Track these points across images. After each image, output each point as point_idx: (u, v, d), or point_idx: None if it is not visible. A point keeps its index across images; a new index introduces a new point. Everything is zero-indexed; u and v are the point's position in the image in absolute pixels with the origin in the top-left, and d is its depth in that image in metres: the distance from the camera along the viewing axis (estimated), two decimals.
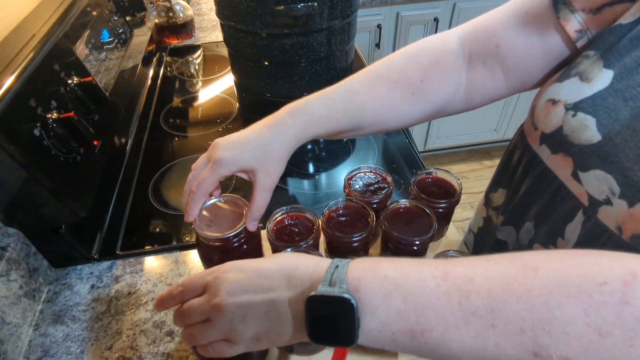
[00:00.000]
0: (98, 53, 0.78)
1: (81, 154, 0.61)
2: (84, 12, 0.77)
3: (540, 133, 0.45)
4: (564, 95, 0.42)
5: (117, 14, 0.94)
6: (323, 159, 0.85)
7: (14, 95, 0.51)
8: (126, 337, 0.55)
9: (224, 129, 0.93)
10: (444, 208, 0.59)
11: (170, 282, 0.61)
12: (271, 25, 0.86)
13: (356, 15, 0.96)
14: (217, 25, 1.34)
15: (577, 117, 0.40)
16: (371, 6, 1.60)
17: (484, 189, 0.64)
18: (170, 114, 0.99)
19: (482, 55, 0.50)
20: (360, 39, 1.67)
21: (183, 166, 0.83)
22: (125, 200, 0.76)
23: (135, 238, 0.69)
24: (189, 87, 1.10)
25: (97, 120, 0.68)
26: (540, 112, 0.45)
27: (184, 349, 0.53)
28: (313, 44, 0.91)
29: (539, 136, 0.45)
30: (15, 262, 0.55)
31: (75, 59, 0.68)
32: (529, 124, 0.48)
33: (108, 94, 0.76)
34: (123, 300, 0.59)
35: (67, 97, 0.62)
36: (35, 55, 0.57)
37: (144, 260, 0.65)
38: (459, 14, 1.70)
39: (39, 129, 0.53)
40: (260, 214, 0.49)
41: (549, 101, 0.43)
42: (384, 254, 0.59)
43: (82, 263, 0.64)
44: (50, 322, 0.57)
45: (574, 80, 0.41)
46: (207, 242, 0.49)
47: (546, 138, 0.44)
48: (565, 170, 0.42)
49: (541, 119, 0.44)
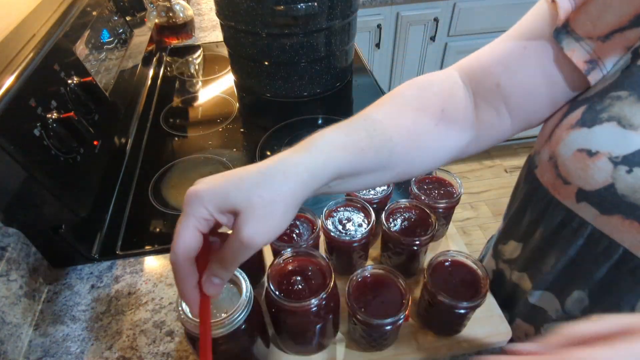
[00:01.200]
0: (98, 53, 0.78)
1: (81, 153, 0.61)
2: (84, 12, 0.77)
3: (576, 189, 0.38)
4: (604, 146, 0.35)
5: (117, 14, 0.94)
6: None
7: (14, 95, 0.51)
8: (126, 337, 0.55)
9: (224, 128, 0.93)
10: (444, 208, 0.59)
11: (171, 282, 0.61)
12: (271, 25, 0.86)
13: (356, 15, 0.96)
14: (217, 25, 1.34)
15: (636, 174, 0.34)
16: (371, 6, 1.60)
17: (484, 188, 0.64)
18: (170, 114, 0.99)
19: (484, 94, 0.44)
20: (360, 39, 1.67)
21: (183, 166, 0.83)
22: (125, 200, 0.76)
23: (135, 238, 0.69)
24: (189, 87, 1.10)
25: (97, 120, 0.68)
26: (570, 164, 0.38)
27: (184, 349, 0.53)
28: (313, 44, 0.91)
29: (575, 193, 0.39)
30: (15, 262, 0.55)
31: (75, 59, 0.68)
32: (552, 175, 0.41)
33: (108, 94, 0.76)
34: (123, 300, 0.59)
35: (67, 97, 0.62)
36: (36, 55, 0.57)
37: (144, 260, 0.65)
38: (459, 14, 1.70)
39: (39, 129, 0.53)
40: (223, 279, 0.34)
41: (581, 152, 0.37)
42: (384, 254, 0.59)
43: (82, 263, 0.64)
44: (50, 322, 0.57)
45: (611, 127, 0.35)
46: None
47: (589, 196, 0.37)
48: (631, 236, 0.36)
49: (575, 173, 0.38)
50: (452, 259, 0.51)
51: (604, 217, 0.37)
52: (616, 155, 0.35)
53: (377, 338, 0.49)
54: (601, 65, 0.38)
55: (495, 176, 2.18)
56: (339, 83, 1.06)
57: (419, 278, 0.59)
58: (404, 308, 0.45)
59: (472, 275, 0.50)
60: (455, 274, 0.51)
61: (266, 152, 0.86)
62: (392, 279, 0.49)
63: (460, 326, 0.51)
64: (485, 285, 0.48)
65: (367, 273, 0.50)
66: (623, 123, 0.35)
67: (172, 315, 0.57)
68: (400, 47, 1.77)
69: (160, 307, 0.58)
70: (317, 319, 0.45)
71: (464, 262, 0.51)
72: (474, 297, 0.47)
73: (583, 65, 0.38)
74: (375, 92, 1.05)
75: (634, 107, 0.34)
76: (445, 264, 0.51)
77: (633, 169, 0.34)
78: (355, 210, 0.57)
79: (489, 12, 1.71)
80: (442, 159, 0.44)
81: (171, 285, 0.61)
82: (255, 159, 0.84)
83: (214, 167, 0.82)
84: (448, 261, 0.51)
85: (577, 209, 0.39)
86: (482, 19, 1.73)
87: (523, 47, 0.41)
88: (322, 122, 0.95)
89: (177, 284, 0.33)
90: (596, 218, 0.38)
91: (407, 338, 0.52)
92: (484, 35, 1.77)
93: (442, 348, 0.52)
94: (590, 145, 0.36)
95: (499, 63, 0.43)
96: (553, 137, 0.41)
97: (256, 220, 0.30)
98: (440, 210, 0.59)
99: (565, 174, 0.39)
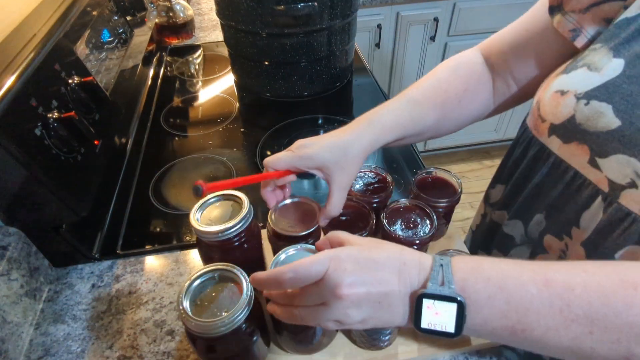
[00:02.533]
0: (98, 53, 0.78)
1: (82, 153, 0.61)
2: (84, 12, 0.77)
3: (549, 125, 0.45)
4: (573, 85, 0.42)
5: (117, 13, 0.94)
6: None
7: (15, 95, 0.51)
8: (127, 336, 0.55)
9: (224, 128, 0.93)
10: (444, 208, 0.59)
11: (171, 281, 0.61)
12: (271, 25, 0.87)
13: (356, 15, 0.96)
14: (217, 25, 1.35)
15: (591, 105, 0.40)
16: (371, 6, 1.61)
17: (484, 189, 0.65)
18: (171, 114, 0.99)
19: (497, 70, 0.57)
20: (360, 39, 1.67)
21: (183, 166, 0.83)
22: (126, 199, 0.76)
23: (136, 237, 0.69)
24: (189, 86, 1.10)
25: (97, 119, 0.68)
26: (547, 103, 0.45)
27: (185, 347, 0.53)
28: (313, 44, 0.92)
29: (548, 128, 0.46)
30: (16, 261, 0.55)
31: (76, 58, 0.68)
32: (535, 116, 0.48)
33: (108, 93, 0.76)
34: (124, 300, 0.59)
35: (67, 97, 0.62)
36: (36, 55, 0.57)
37: (144, 259, 0.65)
38: (459, 14, 1.70)
39: (40, 129, 0.54)
40: (337, 212, 0.51)
41: (557, 92, 0.44)
42: None
43: (83, 262, 0.65)
44: (51, 321, 0.57)
45: (581, 71, 0.42)
46: (209, 241, 0.49)
47: (556, 129, 0.45)
48: (581, 159, 0.42)
49: (549, 111, 0.45)
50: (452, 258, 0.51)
51: (565, 146, 0.44)
52: (580, 92, 0.42)
53: (377, 337, 0.49)
54: (584, 32, 0.45)
55: None
56: (339, 83, 1.07)
57: None
58: None
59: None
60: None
61: (266, 151, 0.86)
62: None
63: None
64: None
65: None
66: (591, 67, 0.42)
67: (172, 314, 0.57)
68: (400, 47, 1.77)
69: (161, 306, 0.58)
70: None
71: None
72: None
73: (568, 33, 0.47)
74: (375, 92, 1.05)
75: (602, 55, 0.41)
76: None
77: (590, 101, 0.40)
78: (355, 210, 0.57)
79: (489, 12, 1.71)
80: (465, 123, 0.60)
81: (171, 285, 0.61)
82: (256, 159, 0.84)
83: (214, 167, 0.83)
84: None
85: (548, 142, 0.47)
86: (482, 19, 1.73)
87: (525, 30, 0.53)
88: (322, 122, 0.95)
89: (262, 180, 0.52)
90: (559, 147, 0.45)
91: (407, 338, 0.52)
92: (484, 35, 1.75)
93: (442, 348, 0.52)
94: (564, 86, 0.44)
95: (508, 44, 0.55)
96: (541, 86, 0.49)
97: (345, 173, 0.49)
98: (440, 210, 0.59)
99: (543, 113, 0.46)
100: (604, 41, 0.42)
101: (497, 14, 1.71)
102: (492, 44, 0.58)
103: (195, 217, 0.50)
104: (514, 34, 0.55)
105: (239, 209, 0.50)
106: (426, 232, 0.54)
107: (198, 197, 0.42)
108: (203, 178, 0.79)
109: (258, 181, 0.51)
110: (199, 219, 0.50)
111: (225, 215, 0.51)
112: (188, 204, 0.73)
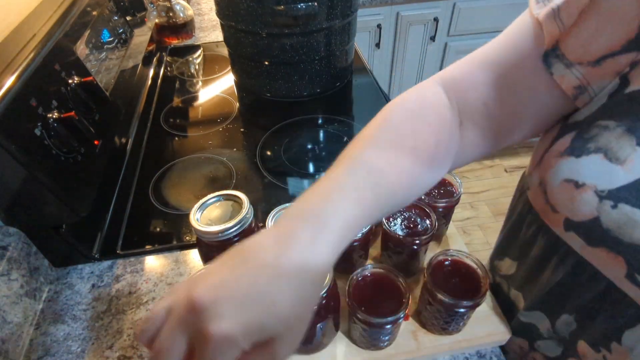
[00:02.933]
0: (98, 53, 0.78)
1: (82, 153, 0.61)
2: (84, 12, 0.77)
3: (563, 218, 0.38)
4: (591, 179, 0.35)
5: (117, 13, 0.94)
6: (323, 159, 0.85)
7: (14, 95, 0.51)
8: (127, 336, 0.55)
9: (224, 128, 0.93)
10: (444, 208, 0.59)
11: (171, 281, 0.61)
12: (271, 25, 0.86)
13: (356, 15, 0.96)
14: (217, 25, 1.35)
15: (621, 210, 0.33)
16: (371, 6, 1.61)
17: (484, 188, 0.64)
18: (171, 114, 0.99)
19: (471, 114, 0.43)
20: (360, 39, 1.67)
21: (183, 166, 0.83)
22: (126, 199, 0.76)
23: (136, 237, 0.69)
24: (189, 87, 1.10)
25: (97, 120, 0.68)
26: (558, 193, 0.38)
27: None
28: (313, 44, 0.92)
29: (563, 221, 0.38)
30: (16, 261, 0.55)
31: (76, 58, 0.68)
32: (541, 200, 0.40)
33: (108, 93, 0.76)
34: (124, 300, 0.59)
35: (67, 97, 0.62)
36: (36, 55, 0.57)
37: (144, 259, 0.65)
38: (459, 14, 1.70)
39: (40, 129, 0.53)
40: None
41: (568, 182, 0.36)
42: (384, 254, 0.59)
43: (83, 262, 0.65)
44: (51, 322, 0.57)
45: (597, 159, 0.35)
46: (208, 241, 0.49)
47: (576, 227, 0.37)
48: (616, 271, 0.35)
49: (562, 203, 0.38)
50: (452, 258, 0.52)
51: (590, 249, 0.37)
52: (602, 189, 0.34)
53: (377, 337, 0.49)
54: (590, 91, 0.37)
55: (495, 176, 2.18)
56: (339, 83, 1.07)
57: (419, 277, 0.59)
58: (404, 307, 0.45)
59: (472, 274, 0.50)
60: (455, 273, 0.51)
61: (266, 151, 0.86)
62: (392, 278, 0.49)
63: (460, 325, 0.52)
64: (485, 285, 0.48)
65: (367, 272, 0.50)
66: (609, 156, 0.34)
67: None
68: (400, 47, 1.77)
69: None
70: (317, 318, 0.45)
71: (464, 261, 0.51)
72: (473, 296, 0.47)
73: (572, 91, 0.37)
74: (375, 92, 1.05)
75: (620, 140, 0.33)
76: (445, 263, 0.51)
77: (618, 204, 0.33)
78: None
79: (489, 12, 1.71)
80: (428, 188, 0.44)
81: (172, 285, 0.61)
82: (256, 159, 0.84)
83: (214, 167, 0.83)
84: (448, 260, 0.52)
85: (565, 237, 0.39)
86: (482, 19, 1.73)
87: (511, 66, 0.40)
88: (322, 122, 0.95)
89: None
90: (583, 248, 0.38)
91: (407, 337, 0.52)
92: (484, 35, 1.77)
93: (442, 347, 0.52)
94: (577, 176, 0.36)
95: (486, 82, 0.41)
96: (542, 163, 0.40)
97: (294, 337, 0.29)
98: (440, 210, 0.59)
99: (553, 202, 0.39)
100: (619, 118, 0.34)
101: (497, 14, 1.72)
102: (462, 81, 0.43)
103: (195, 217, 0.50)
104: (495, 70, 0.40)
105: (239, 209, 0.50)
106: (426, 232, 0.54)
107: None
108: (203, 178, 0.80)
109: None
110: (199, 219, 0.50)
111: (225, 215, 0.51)
112: (188, 204, 0.73)
